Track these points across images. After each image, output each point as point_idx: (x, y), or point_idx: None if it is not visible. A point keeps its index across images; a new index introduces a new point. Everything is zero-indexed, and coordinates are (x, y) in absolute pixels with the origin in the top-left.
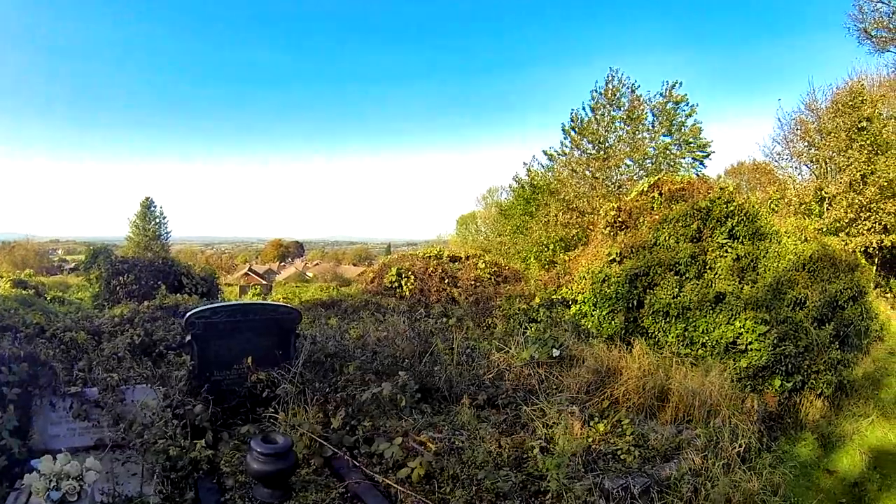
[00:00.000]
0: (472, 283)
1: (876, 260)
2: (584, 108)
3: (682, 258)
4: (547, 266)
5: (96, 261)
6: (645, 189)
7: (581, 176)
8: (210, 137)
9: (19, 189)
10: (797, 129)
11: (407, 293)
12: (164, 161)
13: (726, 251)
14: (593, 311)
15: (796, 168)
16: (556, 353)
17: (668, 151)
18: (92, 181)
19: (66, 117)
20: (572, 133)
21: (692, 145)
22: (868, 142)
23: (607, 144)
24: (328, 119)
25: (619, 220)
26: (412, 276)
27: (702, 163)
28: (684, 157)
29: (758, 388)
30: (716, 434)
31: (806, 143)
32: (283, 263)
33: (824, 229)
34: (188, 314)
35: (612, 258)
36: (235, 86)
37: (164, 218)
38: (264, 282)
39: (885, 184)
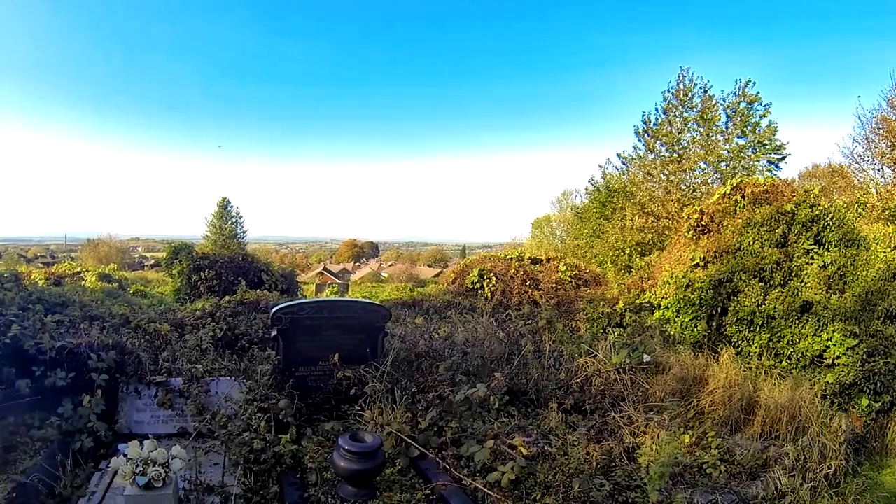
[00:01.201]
0: (554, 285)
1: None
2: (656, 110)
3: (767, 264)
4: (623, 271)
5: (178, 257)
6: (727, 192)
7: (656, 179)
8: (286, 138)
9: (102, 189)
10: (879, 128)
11: (489, 294)
12: (239, 162)
13: (812, 258)
14: (676, 317)
15: (878, 170)
16: (646, 358)
17: (742, 154)
18: (170, 181)
19: (141, 115)
20: (645, 136)
21: (767, 147)
22: None
23: (681, 147)
24: (405, 120)
25: (702, 223)
26: (494, 278)
27: (777, 165)
28: (760, 160)
29: (843, 406)
30: (804, 453)
31: (889, 144)
32: (357, 263)
33: None
34: (274, 309)
35: (695, 263)
36: (322, 87)
37: (241, 217)
38: (339, 281)
39: None
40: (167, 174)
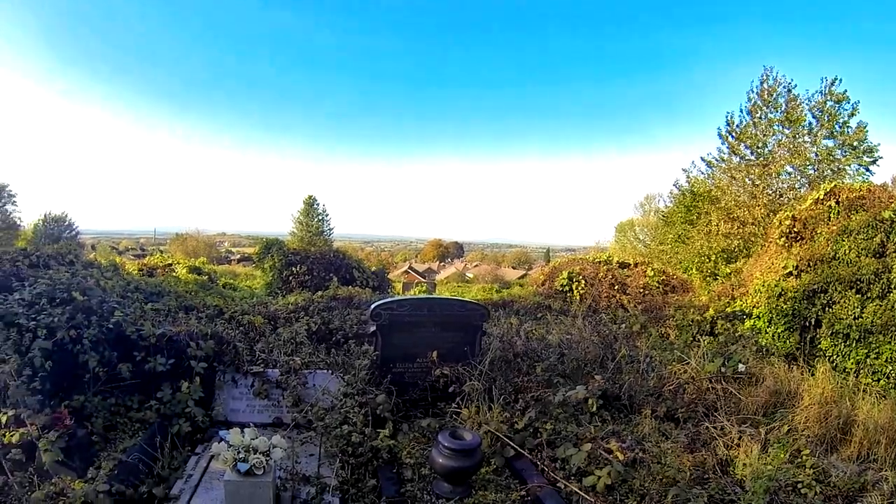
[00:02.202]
0: (641, 290)
1: None
2: (740, 111)
3: (865, 275)
4: (709, 277)
5: (270, 251)
6: (820, 197)
7: (741, 183)
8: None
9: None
10: None
11: (577, 297)
12: (325, 162)
13: None
14: (768, 327)
15: None
16: (741, 367)
17: (831, 156)
18: (257, 178)
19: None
20: (729, 138)
21: (857, 149)
22: None
23: (766, 150)
24: (488, 121)
25: (794, 230)
26: (582, 281)
27: (868, 169)
28: (850, 164)
29: None
30: None
31: None
32: (442, 263)
33: None
34: (374, 306)
35: (787, 271)
36: (413, 88)
37: (327, 215)
38: (424, 280)
39: None
40: (254, 171)
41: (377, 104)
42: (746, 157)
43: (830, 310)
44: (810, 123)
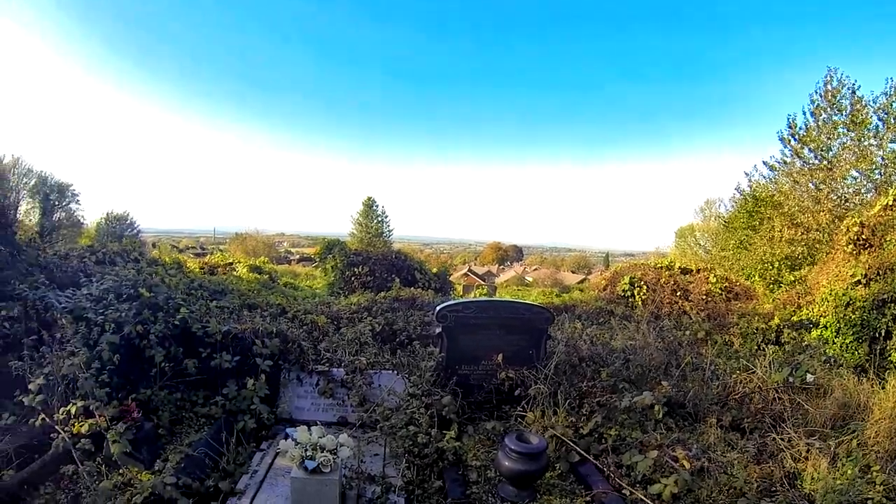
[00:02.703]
0: (704, 297)
1: None
2: (803, 113)
3: None
4: (772, 285)
5: (332, 252)
6: (890, 202)
7: (804, 188)
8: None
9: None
10: None
11: (639, 303)
12: (380, 163)
13: None
14: (836, 337)
15: None
16: (810, 378)
17: None
18: (314, 180)
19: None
20: (791, 141)
21: None
22: None
23: (830, 153)
24: (540, 124)
25: (863, 237)
26: (644, 286)
27: None
28: None
29: None
30: None
31: None
32: (501, 266)
33: None
34: (439, 307)
35: (855, 280)
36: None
37: (386, 216)
38: (483, 282)
39: None
40: (313, 173)
41: (435, 107)
42: (810, 161)
43: None
44: (876, 126)
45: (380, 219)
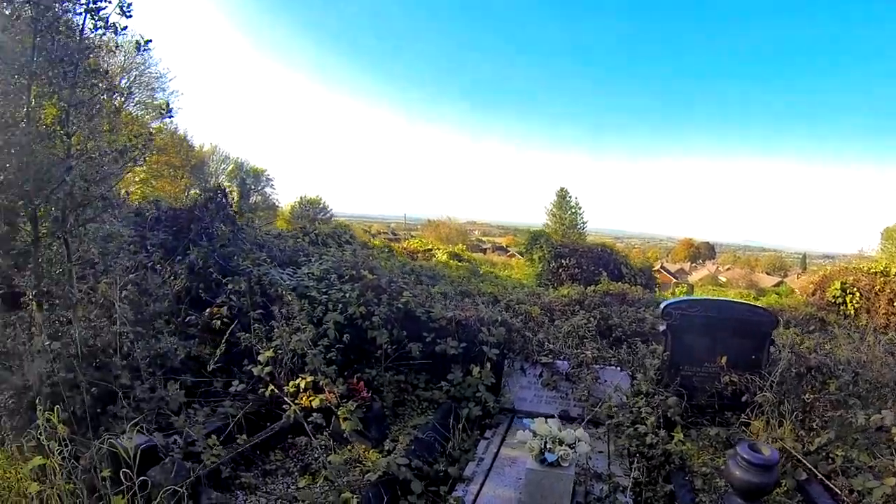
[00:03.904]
0: None
1: None
2: None
3: None
4: None
5: (538, 243)
6: None
7: None
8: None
9: (440, 174)
10: None
11: (851, 311)
12: (576, 154)
13: None
14: None
15: None
16: None
17: None
18: (505, 169)
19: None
20: None
21: None
22: None
23: None
24: (739, 116)
25: None
26: (857, 293)
27: None
28: None
29: None
30: None
31: None
32: (693, 264)
33: None
34: (664, 305)
35: None
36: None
37: (580, 208)
38: (676, 280)
39: None
40: (499, 161)
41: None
42: None
43: None
44: None
45: (574, 210)
